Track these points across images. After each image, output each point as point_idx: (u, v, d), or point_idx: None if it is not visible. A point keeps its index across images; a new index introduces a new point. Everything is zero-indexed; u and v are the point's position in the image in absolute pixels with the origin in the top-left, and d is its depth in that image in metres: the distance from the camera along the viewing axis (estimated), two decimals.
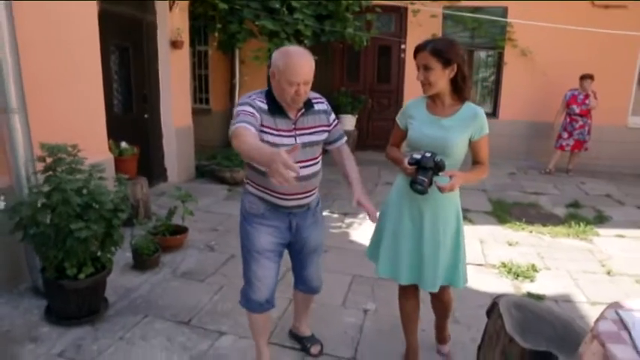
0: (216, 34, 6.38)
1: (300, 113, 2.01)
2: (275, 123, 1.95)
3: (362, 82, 8.43)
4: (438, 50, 1.92)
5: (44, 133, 2.85)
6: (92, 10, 3.68)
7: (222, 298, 3.10)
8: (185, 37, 5.84)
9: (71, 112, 3.37)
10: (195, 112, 8.94)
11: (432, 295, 2.29)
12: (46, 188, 2.44)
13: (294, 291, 2.49)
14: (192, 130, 6.40)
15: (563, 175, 7.07)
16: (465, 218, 4.81)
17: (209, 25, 6.82)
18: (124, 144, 4.37)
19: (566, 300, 3.24)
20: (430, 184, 1.91)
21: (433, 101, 2.07)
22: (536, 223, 4.80)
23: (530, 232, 4.60)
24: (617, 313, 1.47)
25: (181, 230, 3.96)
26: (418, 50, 1.97)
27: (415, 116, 2.10)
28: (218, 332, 2.71)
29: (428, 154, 1.93)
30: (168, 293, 3.17)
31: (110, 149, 4.08)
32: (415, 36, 7.70)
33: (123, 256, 3.55)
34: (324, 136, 2.12)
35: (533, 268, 3.70)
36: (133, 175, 4.19)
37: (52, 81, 3.24)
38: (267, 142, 1.90)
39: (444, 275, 2.15)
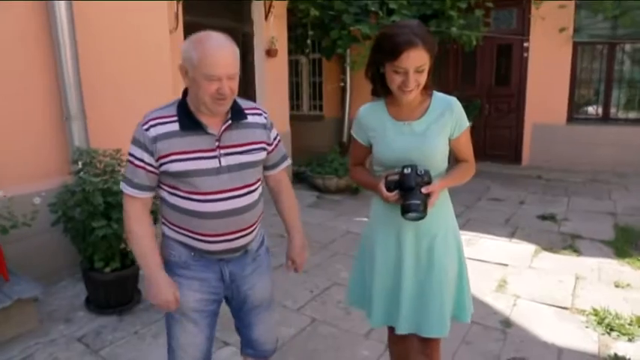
0: (308, 42, 6.42)
1: (225, 126, 1.54)
2: (189, 144, 1.49)
3: (478, 85, 7.66)
4: (431, 44, 1.51)
5: (104, 138, 3.16)
6: (162, 23, 3.96)
7: None
8: (281, 46, 5.99)
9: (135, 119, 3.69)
10: (307, 119, 9.21)
11: (417, 348, 1.85)
12: (75, 188, 2.70)
13: (243, 356, 1.95)
14: (289, 136, 6.48)
15: None
16: (569, 247, 4.06)
17: (315, 32, 6.91)
18: None
19: None
20: (425, 204, 1.54)
21: (394, 104, 1.66)
22: None
23: None
24: None
25: None
26: (408, 48, 1.47)
27: (377, 127, 1.69)
28: (223, 342, 2.66)
29: (407, 171, 1.56)
30: None
31: None
32: (538, 32, 6.72)
33: None
34: (262, 156, 1.64)
35: (639, 322, 2.85)
36: None
37: (113, 90, 3.55)
38: (180, 172, 1.48)
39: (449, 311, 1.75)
